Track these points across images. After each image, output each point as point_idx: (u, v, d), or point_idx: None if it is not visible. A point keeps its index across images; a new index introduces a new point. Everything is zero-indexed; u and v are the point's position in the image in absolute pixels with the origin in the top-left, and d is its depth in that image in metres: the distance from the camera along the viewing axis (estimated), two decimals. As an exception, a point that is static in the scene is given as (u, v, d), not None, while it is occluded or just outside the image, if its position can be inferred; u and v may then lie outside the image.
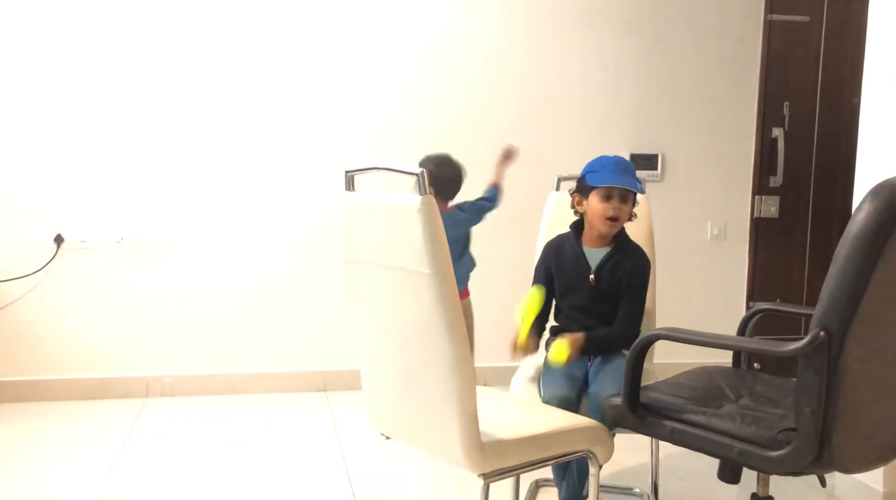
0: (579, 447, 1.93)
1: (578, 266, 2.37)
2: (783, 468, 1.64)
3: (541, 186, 3.74)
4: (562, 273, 2.41)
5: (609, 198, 2.30)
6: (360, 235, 1.91)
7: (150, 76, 3.59)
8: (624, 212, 2.33)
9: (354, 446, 3.10)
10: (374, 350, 1.98)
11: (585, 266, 2.37)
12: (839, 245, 1.57)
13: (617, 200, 2.30)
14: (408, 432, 1.96)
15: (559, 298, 2.43)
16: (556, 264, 2.42)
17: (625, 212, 2.33)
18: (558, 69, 3.96)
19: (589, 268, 2.36)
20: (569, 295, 2.40)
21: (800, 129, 4.17)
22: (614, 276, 2.34)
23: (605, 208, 2.30)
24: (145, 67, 3.58)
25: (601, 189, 2.30)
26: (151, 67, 3.59)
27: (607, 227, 2.32)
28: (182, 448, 3.05)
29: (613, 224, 2.32)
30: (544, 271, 2.45)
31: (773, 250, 4.24)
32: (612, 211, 2.30)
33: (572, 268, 2.38)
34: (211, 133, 3.67)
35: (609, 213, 2.30)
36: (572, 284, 2.38)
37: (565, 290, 2.41)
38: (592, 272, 2.35)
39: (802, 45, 4.14)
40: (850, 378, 1.58)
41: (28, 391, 3.54)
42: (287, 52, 3.70)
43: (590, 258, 2.37)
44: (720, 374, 2.12)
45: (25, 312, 3.55)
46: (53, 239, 3.56)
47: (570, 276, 2.39)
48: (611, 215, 2.30)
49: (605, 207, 2.30)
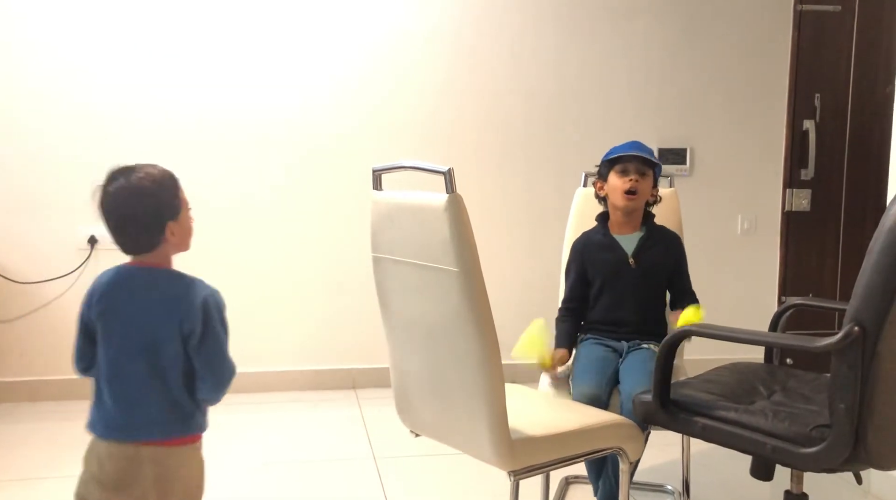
0: (609, 444, 1.93)
1: (615, 254, 2.36)
2: (817, 465, 1.62)
3: (567, 183, 3.73)
4: (597, 266, 2.39)
5: (625, 173, 2.32)
6: (388, 233, 1.91)
7: (179, 75, 3.63)
8: (642, 186, 2.33)
9: (384, 443, 3.11)
10: (403, 348, 1.99)
11: (622, 253, 2.36)
12: (873, 239, 1.55)
13: (634, 173, 2.31)
14: (437, 429, 1.97)
15: (596, 294, 2.40)
16: (588, 259, 2.41)
17: (643, 187, 2.33)
18: (585, 64, 3.94)
19: (626, 253, 2.35)
20: (609, 286, 2.38)
21: (831, 120, 4.11)
22: (655, 256, 2.34)
23: (623, 183, 2.32)
24: (174, 66, 3.63)
25: (617, 166, 2.34)
26: (180, 66, 3.63)
27: (626, 201, 2.33)
28: (214, 446, 3.09)
29: (631, 197, 2.32)
30: (576, 269, 2.44)
31: (805, 243, 4.18)
32: (629, 184, 2.31)
33: (608, 258, 2.37)
34: (236, 132, 3.70)
35: (626, 186, 2.32)
36: (611, 273, 2.37)
37: (604, 282, 2.38)
38: (631, 256, 2.35)
39: (833, 36, 4.07)
40: (884, 373, 1.56)
41: (65, 390, 3.60)
42: (310, 49, 3.72)
43: (624, 245, 2.37)
44: (752, 370, 2.10)
45: (62, 312, 3.62)
46: (87, 240, 3.62)
47: (607, 266, 2.37)
48: (628, 188, 2.31)
49: (622, 181, 2.33)
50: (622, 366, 2.29)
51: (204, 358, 1.61)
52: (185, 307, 1.59)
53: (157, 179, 1.64)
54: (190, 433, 1.66)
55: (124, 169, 1.65)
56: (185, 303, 1.60)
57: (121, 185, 1.61)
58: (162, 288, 1.64)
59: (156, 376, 1.60)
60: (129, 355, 1.61)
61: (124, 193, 1.61)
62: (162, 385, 1.60)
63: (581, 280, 2.42)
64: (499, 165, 3.93)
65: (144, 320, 1.61)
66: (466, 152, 3.87)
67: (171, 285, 1.64)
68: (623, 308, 2.35)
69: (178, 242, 1.69)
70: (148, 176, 1.63)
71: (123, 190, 1.61)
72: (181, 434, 1.64)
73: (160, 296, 1.63)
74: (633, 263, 2.35)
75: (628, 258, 2.35)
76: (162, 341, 1.59)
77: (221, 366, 1.64)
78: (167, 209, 1.65)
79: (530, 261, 3.95)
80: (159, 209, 1.63)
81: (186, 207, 1.71)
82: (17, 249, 3.57)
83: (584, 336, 2.45)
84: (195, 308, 1.59)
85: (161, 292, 1.63)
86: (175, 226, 1.66)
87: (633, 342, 2.34)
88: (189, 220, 1.73)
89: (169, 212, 1.65)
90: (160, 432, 1.61)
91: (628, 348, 2.34)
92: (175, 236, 1.67)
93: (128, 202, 1.61)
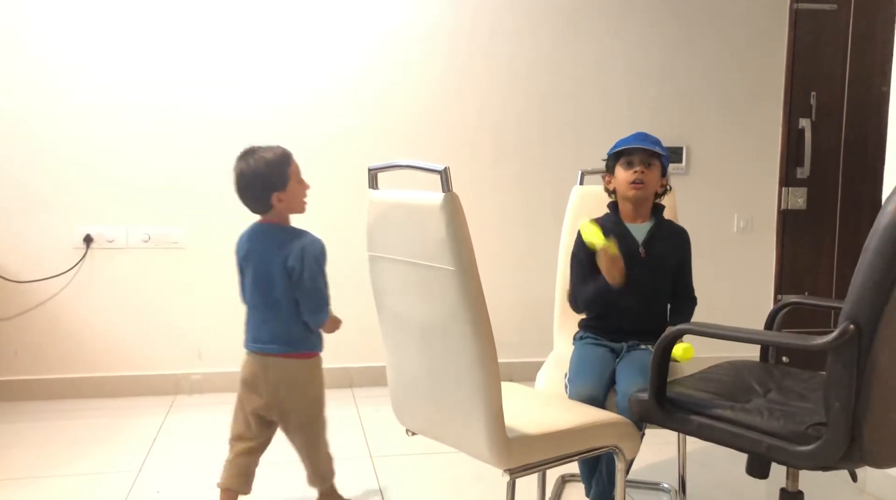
0: (605, 443, 1.93)
1: (625, 242, 2.34)
2: (812, 463, 1.62)
3: (564, 181, 3.74)
4: None
5: (630, 164, 2.34)
6: (384, 231, 1.91)
7: (178, 74, 3.63)
8: (649, 177, 2.33)
9: (380, 441, 3.11)
10: (399, 346, 1.98)
11: (633, 241, 2.36)
12: (869, 237, 1.55)
13: (639, 165, 2.32)
14: (433, 427, 1.97)
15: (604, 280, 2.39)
16: None
17: (650, 177, 2.34)
18: (581, 63, 3.94)
19: (636, 242, 2.36)
20: None
21: (827, 119, 4.12)
22: (664, 248, 2.35)
23: (629, 174, 2.33)
24: (173, 65, 3.62)
25: (623, 158, 2.35)
26: (179, 65, 3.62)
27: (632, 191, 2.33)
28: (212, 445, 3.09)
29: (638, 187, 2.33)
30: (585, 254, 2.35)
31: (801, 242, 4.19)
32: (635, 175, 2.32)
33: (618, 245, 2.36)
34: (237, 131, 3.70)
35: (632, 177, 2.32)
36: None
37: None
38: (641, 245, 2.35)
39: (829, 34, 4.08)
40: (880, 372, 1.56)
41: (60, 389, 3.60)
42: (305, 49, 3.72)
43: (635, 233, 2.37)
44: (748, 368, 2.10)
45: (57, 311, 3.61)
46: (83, 239, 3.61)
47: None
48: (634, 180, 2.32)
49: (628, 173, 2.34)
50: (619, 366, 2.28)
51: (302, 289, 2.15)
52: (289, 251, 2.14)
53: (269, 160, 2.15)
54: (303, 351, 2.21)
55: (247, 151, 2.18)
56: (290, 248, 2.15)
57: (241, 166, 2.17)
58: (276, 238, 2.18)
59: (273, 304, 2.17)
60: (257, 287, 2.20)
61: (241, 173, 2.17)
62: (278, 311, 2.17)
63: (591, 264, 2.37)
64: (495, 164, 3.93)
65: (264, 261, 2.17)
66: (463, 151, 3.87)
67: (283, 236, 2.18)
68: (629, 298, 2.33)
69: (286, 206, 2.20)
70: (261, 159, 2.15)
71: (241, 170, 2.17)
72: (295, 350, 2.19)
73: (275, 243, 2.18)
74: (643, 252, 2.35)
75: (639, 248, 2.35)
76: (275, 276, 2.15)
77: (315, 295, 2.16)
78: (273, 183, 2.15)
79: (527, 260, 3.95)
80: (266, 184, 2.15)
81: (296, 179, 2.19)
82: (13, 247, 3.56)
83: (582, 334, 2.45)
84: (296, 252, 2.14)
85: (276, 240, 2.18)
86: (282, 195, 2.17)
87: (632, 342, 2.34)
88: (298, 190, 2.21)
89: (276, 185, 2.16)
90: (279, 347, 2.17)
91: (626, 348, 2.33)
92: (282, 203, 2.18)
93: (242, 180, 2.17)
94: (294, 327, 2.18)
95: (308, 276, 2.14)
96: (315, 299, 2.17)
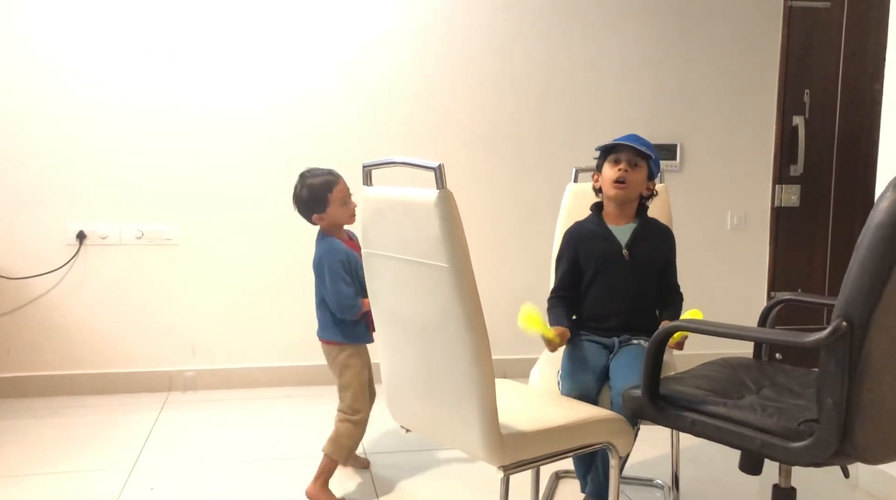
0: (599, 439, 1.93)
1: (608, 244, 2.36)
2: (805, 459, 1.63)
3: (557, 179, 3.74)
4: (590, 255, 2.38)
5: (617, 162, 2.34)
6: (378, 228, 1.91)
7: (171, 73, 3.62)
8: (633, 177, 2.33)
9: (375, 438, 3.11)
10: (394, 343, 1.98)
11: (616, 243, 2.36)
12: (861, 234, 1.55)
13: (625, 164, 2.32)
14: (427, 424, 1.97)
15: (588, 284, 2.40)
16: (581, 247, 2.40)
17: (634, 178, 2.33)
18: (574, 60, 3.95)
19: (619, 244, 2.36)
20: (601, 276, 2.37)
21: (821, 117, 4.13)
22: (648, 248, 2.35)
23: (613, 172, 2.34)
24: (166, 64, 3.61)
25: (611, 156, 2.35)
26: (172, 64, 3.62)
27: (615, 190, 2.34)
28: (205, 442, 3.09)
29: (620, 187, 2.33)
30: (568, 257, 2.42)
31: (794, 239, 4.20)
32: (619, 173, 2.32)
33: (601, 247, 2.37)
34: (231, 129, 3.69)
35: (615, 176, 2.32)
36: (603, 263, 2.36)
37: (596, 272, 2.38)
38: (625, 247, 2.35)
39: (823, 32, 4.09)
40: (872, 369, 1.57)
41: (53, 386, 3.59)
42: (299, 48, 3.71)
43: (618, 235, 2.37)
44: (741, 365, 2.11)
45: (50, 307, 3.60)
46: (76, 236, 3.60)
47: (600, 256, 2.37)
48: (617, 178, 2.32)
49: (613, 170, 2.34)
50: (612, 362, 2.29)
51: (325, 290, 2.54)
52: (315, 258, 2.57)
53: (312, 186, 2.53)
54: (338, 340, 2.57)
55: (302, 174, 2.57)
56: (316, 255, 2.57)
57: (295, 187, 2.57)
58: (317, 245, 2.60)
59: (319, 300, 2.59)
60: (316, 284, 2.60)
61: (294, 194, 2.57)
62: (321, 306, 2.59)
63: (573, 269, 2.40)
64: (489, 161, 3.93)
65: (314, 262, 2.58)
66: (457, 149, 3.87)
67: (317, 244, 2.59)
68: (614, 299, 2.35)
69: (327, 224, 2.57)
70: (306, 186, 2.54)
71: (294, 192, 2.57)
72: (333, 338, 2.58)
73: (316, 249, 2.59)
74: (626, 254, 2.35)
75: (622, 249, 2.35)
76: (316, 278, 2.57)
77: (335, 296, 2.51)
78: (313, 208, 2.54)
79: (521, 257, 3.95)
80: (307, 208, 2.55)
81: (339, 202, 2.54)
82: (6, 244, 3.55)
83: (575, 331, 2.45)
84: (316, 259, 2.56)
85: (317, 247, 2.59)
86: (322, 215, 2.55)
87: (624, 338, 2.35)
88: (340, 211, 2.56)
89: (315, 209, 2.54)
90: (323, 335, 2.61)
91: (619, 344, 2.34)
92: (323, 221, 2.57)
93: (294, 199, 2.58)
94: (330, 320, 2.57)
95: (327, 282, 2.52)
96: (334, 299, 2.52)
